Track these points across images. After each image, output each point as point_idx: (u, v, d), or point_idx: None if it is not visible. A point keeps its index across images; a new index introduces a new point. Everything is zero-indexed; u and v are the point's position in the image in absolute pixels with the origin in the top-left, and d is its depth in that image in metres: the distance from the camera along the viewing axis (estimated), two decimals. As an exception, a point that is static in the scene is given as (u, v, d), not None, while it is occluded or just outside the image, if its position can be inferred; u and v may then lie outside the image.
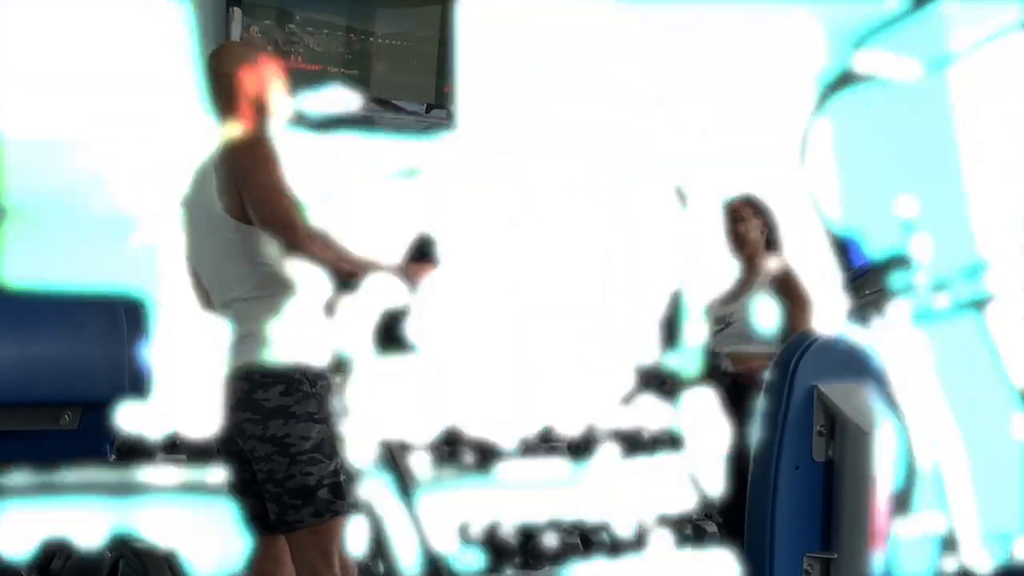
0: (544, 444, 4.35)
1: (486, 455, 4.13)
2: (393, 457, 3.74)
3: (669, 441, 4.43)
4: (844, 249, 4.77)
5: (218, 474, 3.11)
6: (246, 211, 2.66)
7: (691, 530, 4.29)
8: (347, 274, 2.69)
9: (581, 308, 4.92)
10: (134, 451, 3.60)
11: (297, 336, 2.64)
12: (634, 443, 4.39)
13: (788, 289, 3.91)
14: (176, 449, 3.75)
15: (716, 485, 3.88)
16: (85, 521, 3.48)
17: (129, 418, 3.41)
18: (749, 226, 4.08)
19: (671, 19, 5.29)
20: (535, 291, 4.81)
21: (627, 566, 4.11)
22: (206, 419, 2.91)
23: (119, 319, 3.45)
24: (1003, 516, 4.73)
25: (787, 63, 5.48)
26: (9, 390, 3.29)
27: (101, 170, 3.99)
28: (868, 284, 4.61)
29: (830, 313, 3.89)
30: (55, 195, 4.00)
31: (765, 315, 3.78)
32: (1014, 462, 5.29)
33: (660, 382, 4.35)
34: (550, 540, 4.08)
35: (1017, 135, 4.92)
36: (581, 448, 4.32)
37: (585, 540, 4.03)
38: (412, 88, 4.42)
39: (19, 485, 3.43)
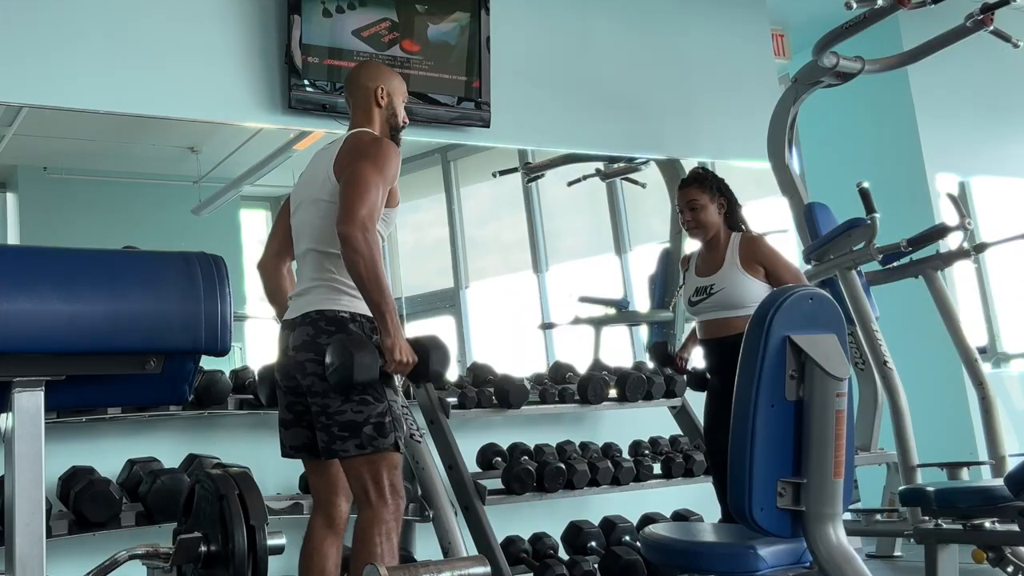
0: (557, 384, 4.53)
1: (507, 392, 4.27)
2: (427, 393, 4.06)
3: (665, 383, 4.64)
4: (814, 217, 5.03)
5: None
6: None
7: (682, 458, 4.51)
8: (365, 293, 2.79)
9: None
10: (209, 392, 3.83)
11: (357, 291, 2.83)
12: (636, 384, 4.58)
13: (762, 254, 3.85)
14: (244, 390, 3.97)
15: (704, 420, 4.06)
16: (167, 450, 3.81)
17: (206, 363, 3.62)
18: (708, 211, 3.92)
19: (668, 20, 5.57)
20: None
21: (628, 487, 4.32)
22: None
23: (196, 275, 3.64)
24: (942, 446, 5.13)
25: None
26: (101, 339, 3.51)
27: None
28: (833, 249, 4.88)
29: (801, 273, 3.96)
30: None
31: (746, 282, 3.82)
32: (952, 402, 5.74)
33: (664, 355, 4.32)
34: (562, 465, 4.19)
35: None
36: (589, 387, 4.45)
37: (592, 466, 4.21)
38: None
39: (113, 421, 3.75)
